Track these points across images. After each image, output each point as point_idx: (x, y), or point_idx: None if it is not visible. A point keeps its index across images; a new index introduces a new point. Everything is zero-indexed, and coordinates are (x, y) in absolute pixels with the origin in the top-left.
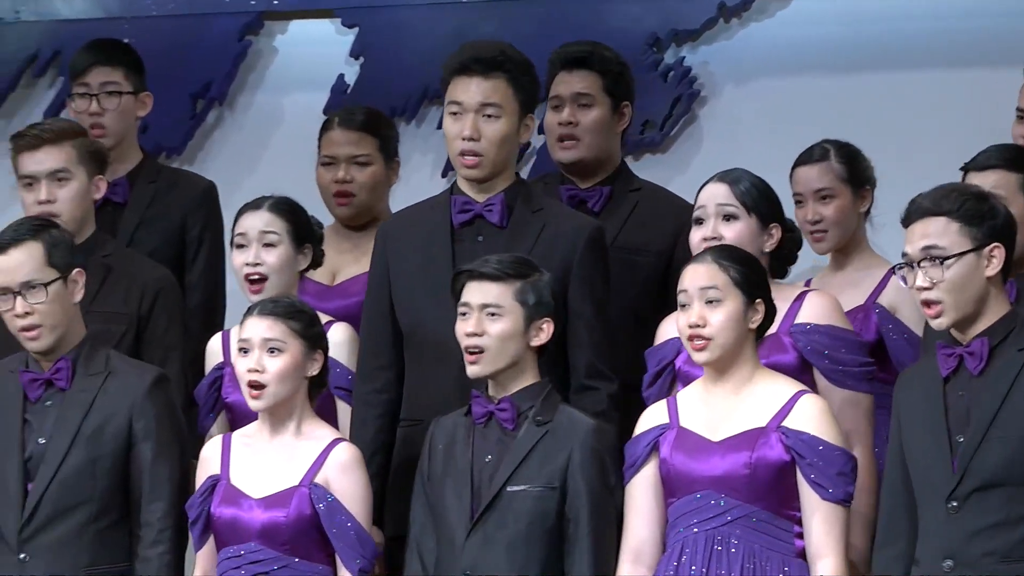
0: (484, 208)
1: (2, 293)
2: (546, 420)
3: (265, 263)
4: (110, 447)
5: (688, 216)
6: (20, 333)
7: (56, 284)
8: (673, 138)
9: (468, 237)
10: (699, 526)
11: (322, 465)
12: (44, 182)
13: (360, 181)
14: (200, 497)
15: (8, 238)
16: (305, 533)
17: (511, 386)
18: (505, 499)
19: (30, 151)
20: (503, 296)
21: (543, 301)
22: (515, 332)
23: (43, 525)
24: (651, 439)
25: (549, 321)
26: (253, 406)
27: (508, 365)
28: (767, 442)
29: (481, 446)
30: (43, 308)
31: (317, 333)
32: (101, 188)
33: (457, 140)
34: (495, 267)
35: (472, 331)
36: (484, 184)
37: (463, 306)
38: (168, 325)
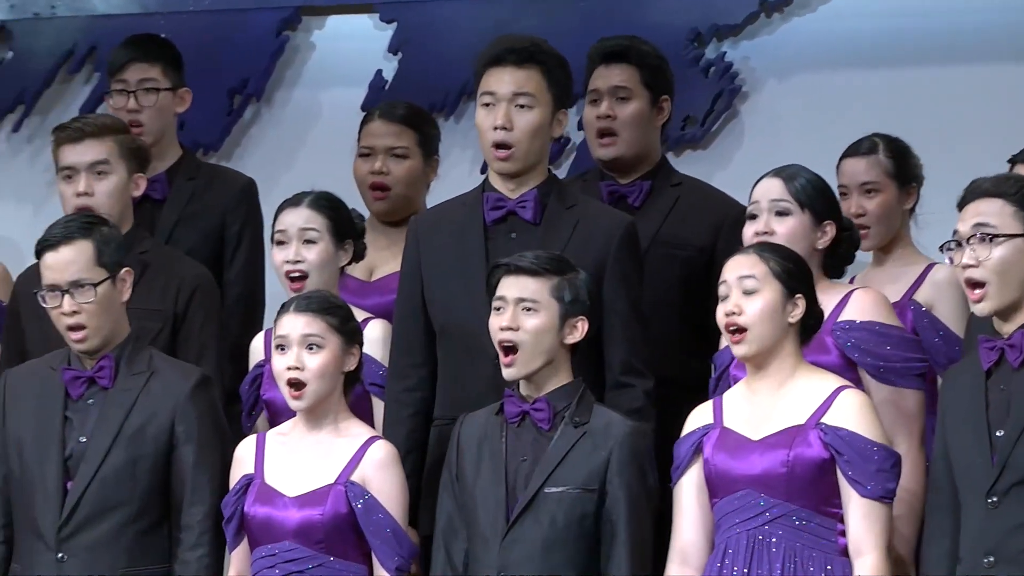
0: (517, 204)
1: (50, 290)
2: (583, 421)
3: (306, 260)
4: (151, 448)
5: (730, 211)
6: (66, 332)
7: (105, 284)
8: (714, 134)
9: (501, 234)
10: (741, 526)
11: (358, 463)
12: (84, 174)
13: (396, 174)
14: (234, 496)
15: (59, 235)
16: (341, 532)
17: (545, 385)
18: (542, 500)
19: (72, 143)
20: (539, 291)
21: (579, 299)
22: (550, 328)
23: (82, 525)
24: (695, 440)
25: (584, 320)
26: (294, 406)
27: (543, 364)
28: (805, 439)
29: (515, 446)
30: (91, 308)
31: (353, 328)
32: (140, 186)
33: (489, 131)
34: (532, 262)
35: (507, 325)
36: (517, 180)
37: (498, 300)
38: (204, 323)
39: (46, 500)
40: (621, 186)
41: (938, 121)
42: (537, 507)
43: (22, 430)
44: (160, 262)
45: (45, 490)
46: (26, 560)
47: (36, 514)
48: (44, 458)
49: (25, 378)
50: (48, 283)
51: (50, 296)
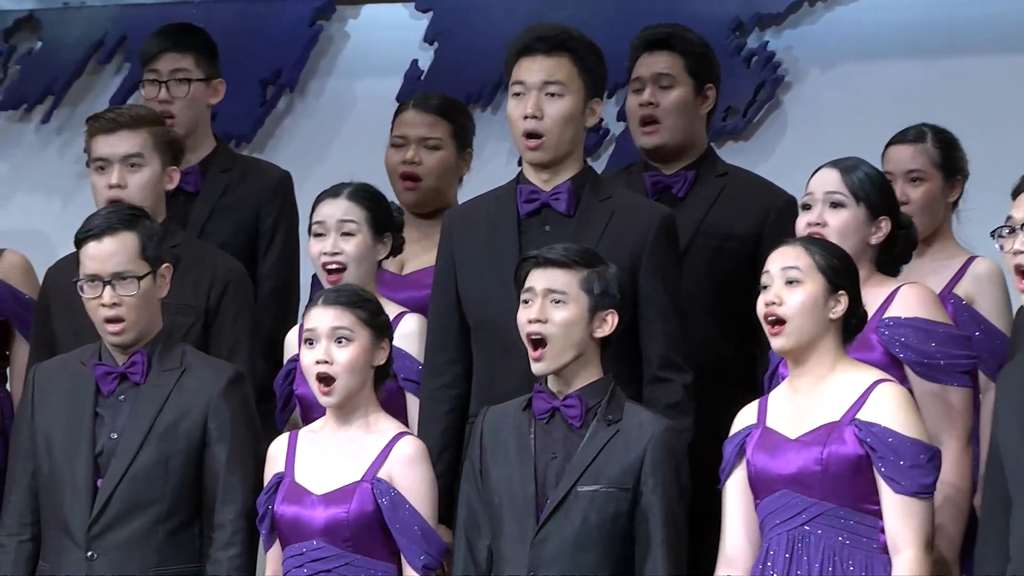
0: (551, 197)
1: (91, 280)
2: (615, 419)
3: (344, 252)
4: (183, 445)
5: (776, 200)
6: (104, 325)
7: (147, 278)
8: (756, 125)
9: (535, 227)
10: (781, 527)
11: (385, 459)
12: (117, 166)
13: (428, 165)
14: (266, 495)
15: (103, 225)
16: (368, 529)
17: (575, 381)
18: (574, 499)
19: (105, 134)
20: (568, 283)
21: (609, 292)
22: (579, 320)
23: (112, 523)
24: (739, 441)
25: (613, 313)
26: (324, 402)
27: (573, 358)
28: (840, 436)
29: (545, 443)
30: (132, 301)
31: (383, 322)
32: (174, 179)
33: (519, 121)
34: (561, 254)
35: (535, 317)
36: (550, 171)
37: (526, 292)
38: (236, 318)
39: (75, 497)
40: (665, 176)
41: (983, 113)
42: (569, 506)
43: (51, 426)
44: (192, 256)
45: (75, 487)
46: (54, 558)
47: (65, 511)
48: (74, 455)
49: (55, 373)
50: (89, 273)
51: (90, 286)
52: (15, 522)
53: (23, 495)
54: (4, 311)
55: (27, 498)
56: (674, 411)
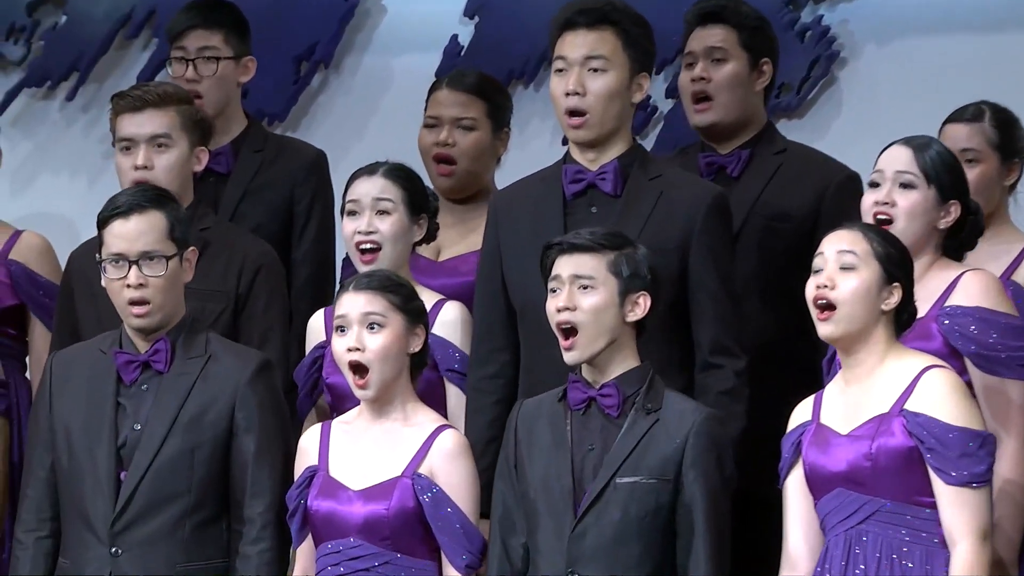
0: (597, 177)
1: (115, 260)
2: (654, 408)
3: (379, 231)
4: (209, 436)
5: (834, 175)
6: (128, 307)
7: (175, 260)
8: (811, 102)
9: (581, 209)
10: (839, 526)
11: (426, 454)
12: (143, 147)
13: (463, 146)
14: (297, 489)
15: (129, 203)
16: (408, 527)
17: (610, 369)
18: (614, 491)
19: (131, 113)
20: (596, 267)
21: (639, 273)
22: (610, 305)
23: (136, 517)
24: (795, 438)
25: (645, 295)
26: (360, 395)
27: (606, 345)
28: (888, 429)
29: (581, 435)
30: (158, 283)
31: (417, 307)
32: (202, 160)
33: (562, 98)
34: (587, 238)
35: (563, 305)
36: (596, 150)
37: (553, 280)
38: (268, 304)
39: (98, 491)
40: (719, 156)
41: None
42: (608, 498)
43: (71, 416)
44: (222, 240)
45: (97, 480)
46: (76, 554)
47: (87, 505)
48: (95, 446)
49: (73, 361)
50: (115, 252)
51: (114, 266)
52: (33, 517)
53: (41, 488)
54: (20, 294)
55: (45, 492)
56: (726, 398)
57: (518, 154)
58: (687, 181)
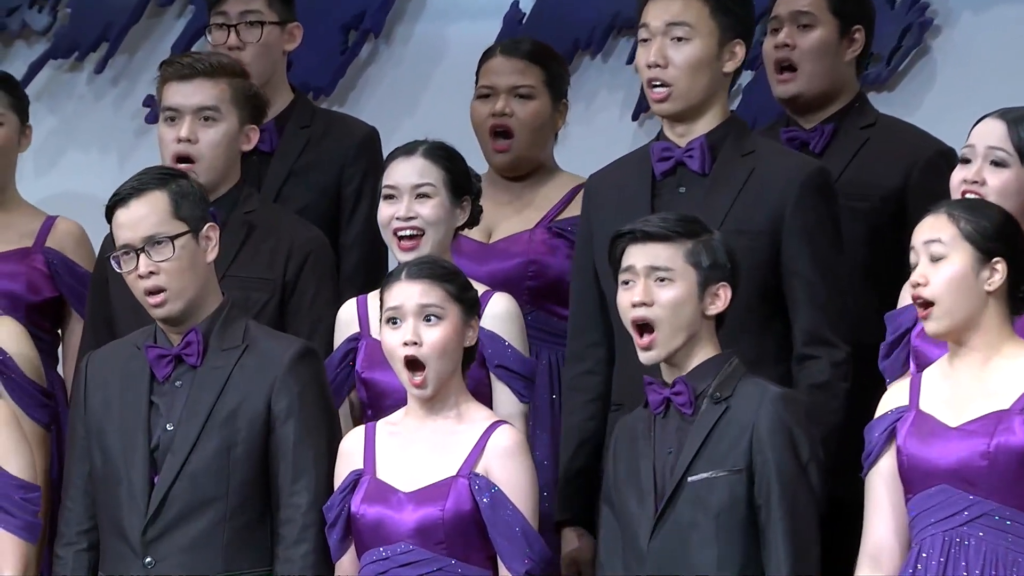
0: (684, 154)
1: (124, 253)
2: (724, 395)
3: (419, 216)
4: (246, 432)
5: (923, 150)
6: (145, 298)
7: (184, 239)
8: (902, 73)
9: (668, 189)
10: (936, 526)
11: (482, 452)
12: (189, 118)
13: (521, 117)
14: (340, 495)
15: (129, 188)
16: (463, 531)
17: (685, 364)
18: (688, 491)
19: (179, 81)
20: (672, 258)
21: (718, 263)
22: (689, 299)
23: (171, 525)
24: (888, 425)
25: (726, 286)
26: (418, 395)
27: (685, 342)
28: (1010, 427)
29: (662, 439)
30: (169, 266)
31: (473, 297)
32: (252, 139)
33: (644, 70)
34: (660, 226)
35: (639, 300)
36: (684, 125)
37: (625, 272)
38: (317, 293)
39: (131, 498)
40: (802, 132)
41: None
42: (682, 499)
43: (104, 420)
44: (268, 224)
45: (130, 487)
46: (112, 567)
47: (123, 516)
48: (129, 450)
49: (108, 360)
50: (122, 244)
51: (125, 259)
52: (72, 530)
53: (80, 500)
54: (60, 286)
55: (84, 503)
56: (821, 392)
57: (583, 130)
58: (782, 155)
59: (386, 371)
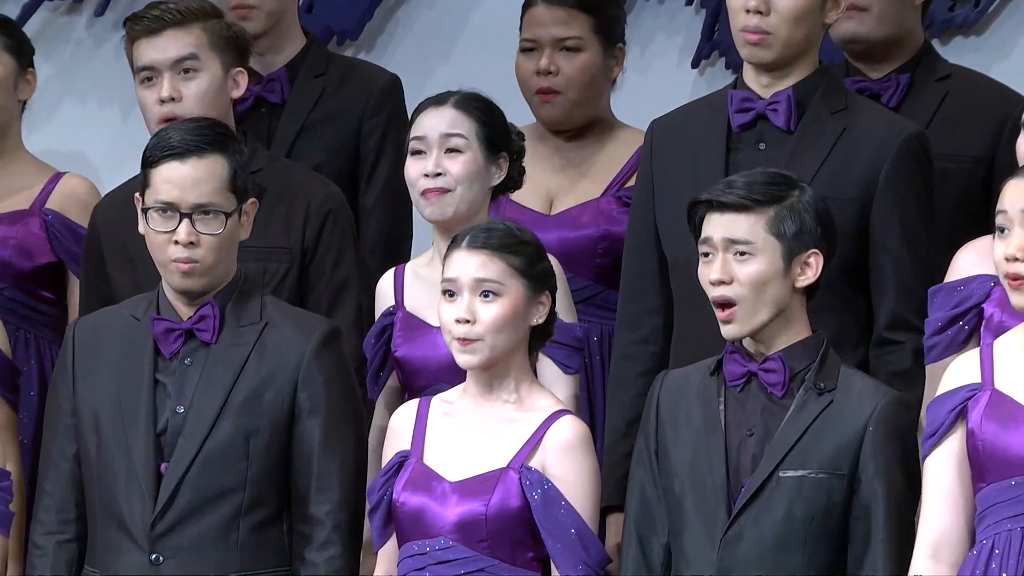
0: (768, 107)
1: (163, 210)
2: (828, 387)
3: (448, 173)
4: (267, 420)
5: (1014, 109)
6: (170, 264)
7: (234, 217)
8: (992, 16)
9: (747, 144)
10: (1013, 522)
11: (539, 443)
12: (167, 75)
13: (568, 73)
14: (383, 478)
15: (187, 142)
16: (510, 529)
17: (776, 340)
18: (777, 486)
19: (149, 36)
20: (752, 229)
21: (806, 228)
22: (773, 274)
23: (181, 519)
24: (958, 403)
25: (817, 254)
26: (462, 362)
27: (771, 317)
28: None
29: (739, 417)
30: (213, 242)
31: (544, 271)
32: (241, 84)
33: (741, 13)
34: (740, 193)
35: (718, 278)
36: (773, 74)
37: (704, 243)
38: (339, 259)
39: (133, 487)
40: (871, 82)
41: None
42: (770, 495)
43: (99, 398)
44: (280, 184)
45: (132, 475)
46: (107, 561)
47: (121, 504)
48: (130, 434)
49: (100, 330)
50: (165, 200)
51: (163, 218)
52: (53, 518)
53: (63, 484)
54: (58, 250)
55: (68, 488)
56: (901, 381)
57: (639, 79)
58: (877, 115)
59: (421, 345)
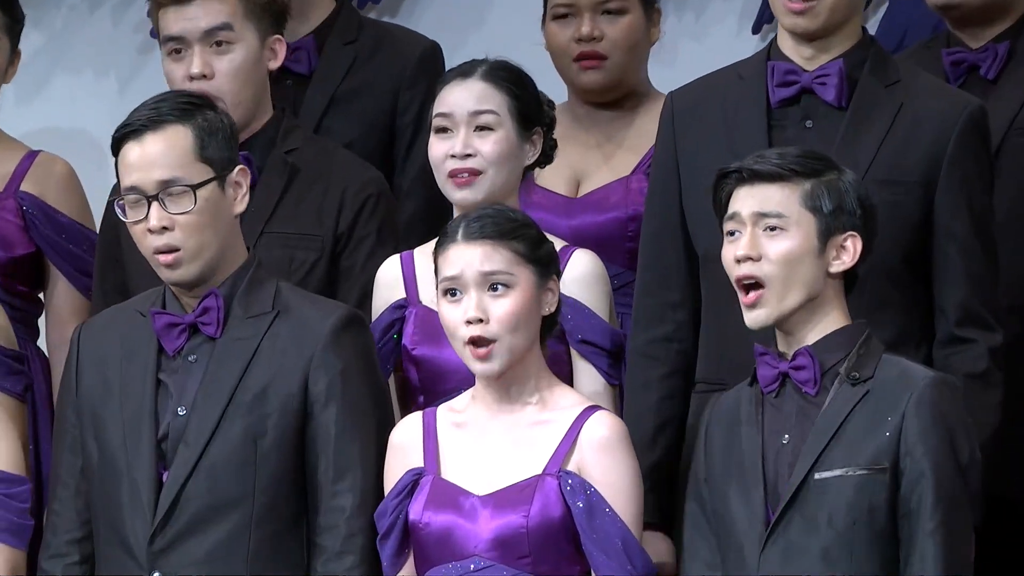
0: (815, 80)
1: (133, 199)
2: (863, 376)
3: (479, 153)
4: (278, 419)
5: None
6: (154, 256)
7: (209, 187)
8: None
9: (791, 121)
10: None
11: (573, 444)
12: (198, 48)
13: (614, 38)
14: (395, 499)
15: (144, 117)
16: (553, 540)
17: (808, 333)
18: (813, 490)
19: (177, 3)
20: (786, 202)
21: (845, 207)
22: (806, 252)
23: (184, 532)
24: None
25: (855, 236)
26: (480, 371)
27: (801, 302)
28: None
29: (775, 423)
30: (188, 221)
31: (548, 253)
32: (279, 53)
33: None
34: (774, 163)
35: (744, 254)
36: (815, 44)
37: (731, 220)
38: (375, 251)
39: (135, 500)
40: (970, 52)
41: None
42: (807, 500)
43: (100, 403)
44: (316, 165)
45: (133, 485)
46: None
47: (123, 520)
48: (132, 440)
49: (105, 330)
50: (129, 186)
51: (132, 208)
52: (61, 539)
53: (71, 502)
54: (36, 238)
55: (76, 506)
56: (977, 384)
57: (694, 46)
58: (936, 90)
59: (443, 345)
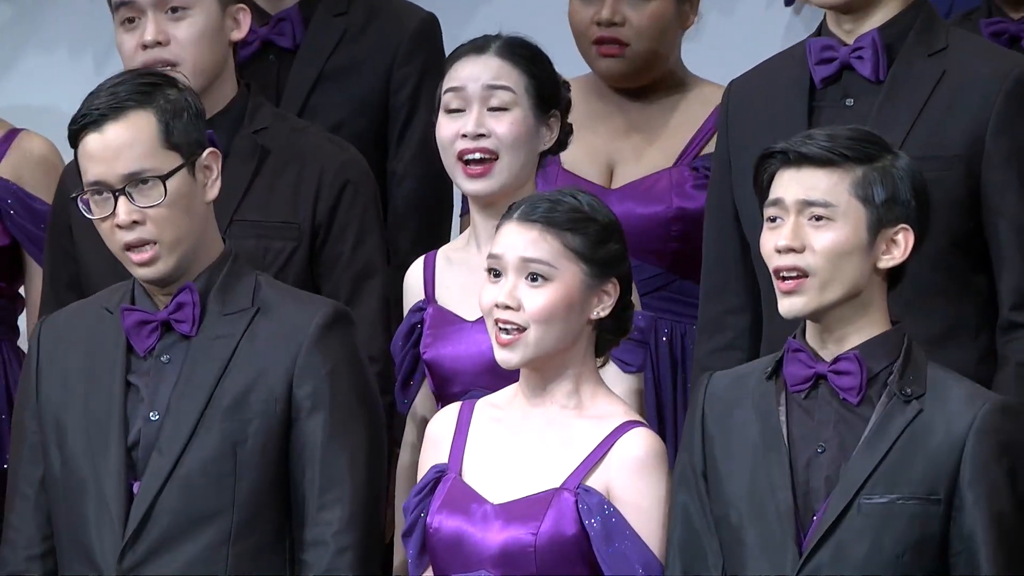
0: (852, 55)
1: (96, 192)
2: (917, 393)
3: (493, 134)
4: (259, 423)
5: None
6: (125, 254)
7: (179, 176)
8: None
9: (832, 100)
10: None
11: (602, 459)
12: (151, 14)
13: (637, 24)
14: (418, 495)
15: (102, 105)
16: (564, 560)
17: (851, 334)
18: (859, 516)
19: None
20: (834, 189)
21: (899, 198)
22: (854, 245)
23: (156, 548)
24: None
25: (907, 230)
26: (501, 359)
27: (842, 297)
28: None
29: (805, 428)
30: (159, 214)
31: (612, 255)
32: (242, 23)
33: None
34: (823, 145)
35: (785, 244)
36: (854, 16)
37: (772, 206)
38: (359, 239)
39: (103, 512)
40: (1011, 23)
41: None
42: (850, 526)
43: (63, 407)
44: (287, 145)
45: (100, 497)
46: None
47: (90, 534)
48: (98, 449)
49: (69, 328)
50: (93, 181)
51: (97, 202)
52: (20, 555)
53: (30, 515)
54: (11, 228)
55: (36, 520)
56: None
57: (722, 20)
58: (982, 52)
59: (453, 343)
